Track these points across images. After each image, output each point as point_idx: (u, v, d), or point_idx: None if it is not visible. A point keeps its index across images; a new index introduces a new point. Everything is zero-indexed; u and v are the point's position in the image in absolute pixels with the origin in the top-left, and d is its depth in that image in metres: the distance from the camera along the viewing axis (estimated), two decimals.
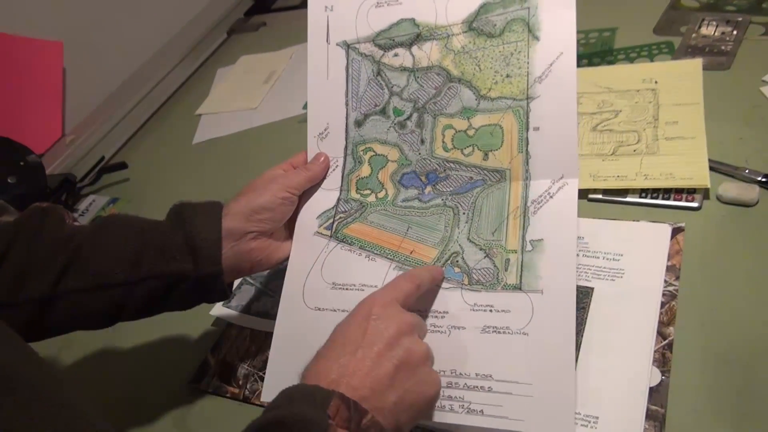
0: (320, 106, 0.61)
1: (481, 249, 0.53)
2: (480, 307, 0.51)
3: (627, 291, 0.58)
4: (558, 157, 0.52)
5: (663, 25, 0.91)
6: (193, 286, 0.52)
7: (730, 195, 0.62)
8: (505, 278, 0.51)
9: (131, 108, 1.14)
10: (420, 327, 0.48)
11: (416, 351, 0.44)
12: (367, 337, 0.43)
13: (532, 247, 0.51)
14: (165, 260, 0.52)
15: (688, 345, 0.52)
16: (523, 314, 0.49)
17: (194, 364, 0.65)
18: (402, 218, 0.57)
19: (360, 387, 0.41)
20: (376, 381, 0.41)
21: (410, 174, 0.58)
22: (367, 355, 0.42)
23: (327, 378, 0.41)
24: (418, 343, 0.45)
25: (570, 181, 0.52)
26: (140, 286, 0.51)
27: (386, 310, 0.45)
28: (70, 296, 0.50)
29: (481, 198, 0.55)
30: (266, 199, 0.55)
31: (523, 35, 0.54)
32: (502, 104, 0.55)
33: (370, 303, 0.46)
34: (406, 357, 0.43)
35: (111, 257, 0.51)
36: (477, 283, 0.52)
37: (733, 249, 0.59)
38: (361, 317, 0.45)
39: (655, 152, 0.69)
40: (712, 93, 0.74)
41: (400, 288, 0.48)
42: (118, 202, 0.98)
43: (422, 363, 0.44)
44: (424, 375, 0.44)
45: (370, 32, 0.60)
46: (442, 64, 0.57)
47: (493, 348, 0.49)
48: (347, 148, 0.60)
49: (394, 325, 0.44)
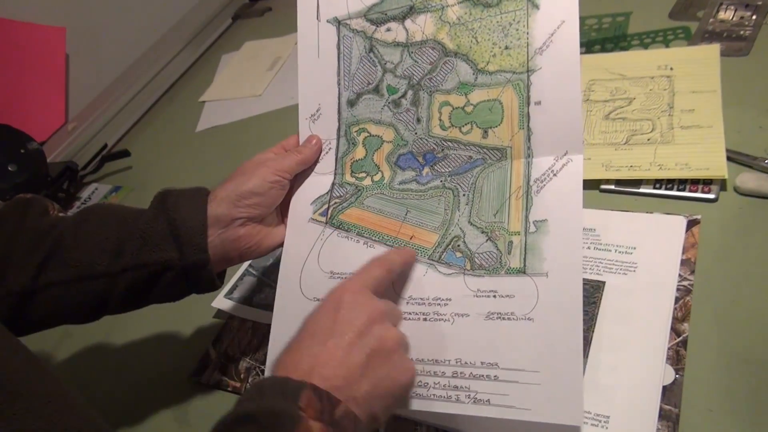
0: (311, 86, 0.58)
1: (483, 232, 0.51)
2: (483, 292, 0.49)
3: (640, 285, 0.56)
4: (561, 132, 0.50)
5: (679, 9, 0.88)
6: (178, 276, 0.51)
7: (748, 186, 0.60)
8: (508, 262, 0.49)
9: (134, 95, 1.13)
10: (392, 314, 0.46)
11: (388, 338, 0.43)
12: (338, 326, 0.42)
13: (536, 229, 0.49)
14: (148, 249, 0.50)
15: (703, 342, 0.51)
16: (528, 299, 0.47)
17: (195, 358, 0.64)
18: (400, 202, 0.54)
19: (332, 377, 0.40)
20: (348, 370, 0.40)
21: (407, 155, 0.55)
22: (339, 345, 0.41)
23: (298, 369, 0.40)
24: (389, 330, 0.43)
25: (574, 158, 0.49)
26: (123, 277, 0.50)
27: (357, 297, 0.44)
28: (51, 289, 0.49)
29: (482, 178, 0.52)
30: (255, 183, 0.52)
31: (521, 4, 0.52)
32: (501, 78, 0.52)
33: (340, 291, 0.44)
34: (378, 345, 0.42)
35: (92, 247, 0.50)
36: (480, 267, 0.50)
37: (751, 243, 0.57)
38: (331, 306, 0.44)
39: (670, 141, 0.67)
40: (730, 80, 0.71)
41: (371, 274, 0.47)
42: (121, 190, 0.97)
43: (394, 350, 0.43)
44: (397, 362, 0.43)
45: (361, 7, 0.57)
46: (436, 37, 0.55)
47: (498, 335, 0.47)
48: (340, 130, 0.58)
49: (364, 314, 0.43)
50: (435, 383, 0.47)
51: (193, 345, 0.66)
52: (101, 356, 0.69)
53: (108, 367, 0.68)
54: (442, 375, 0.47)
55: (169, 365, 0.65)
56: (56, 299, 0.50)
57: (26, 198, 0.54)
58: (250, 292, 0.69)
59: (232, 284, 0.71)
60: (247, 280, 0.71)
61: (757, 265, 0.55)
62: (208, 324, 0.68)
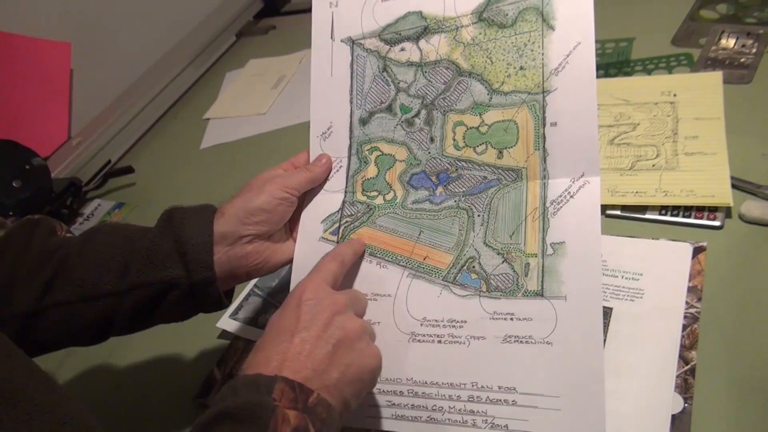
0: (323, 104, 0.59)
1: (499, 253, 0.51)
2: (500, 315, 0.49)
3: (647, 312, 0.56)
4: (578, 154, 0.49)
5: (681, 36, 0.89)
6: (185, 294, 0.50)
7: (753, 215, 0.60)
8: (525, 284, 0.49)
9: (138, 111, 1.13)
10: (354, 303, 0.48)
11: (351, 328, 0.45)
12: (301, 322, 0.44)
13: (553, 251, 0.49)
14: (153, 267, 0.50)
15: (712, 370, 0.51)
16: (546, 322, 0.47)
17: (200, 379, 0.64)
18: (413, 222, 0.54)
19: (301, 369, 0.41)
20: (316, 362, 0.42)
21: (420, 174, 0.55)
22: (305, 339, 0.43)
23: (268, 366, 0.41)
24: (352, 320, 0.45)
25: (591, 180, 0.49)
26: (128, 296, 0.49)
27: (317, 293, 0.46)
28: (56, 309, 0.49)
29: (497, 199, 0.52)
30: (263, 199, 0.52)
31: (536, 25, 0.52)
32: (516, 98, 0.52)
33: (300, 290, 0.46)
34: (342, 335, 0.44)
35: (98, 267, 0.50)
36: (496, 290, 0.50)
37: (756, 270, 0.57)
38: (293, 305, 0.45)
39: (675, 168, 0.67)
40: (733, 107, 0.72)
41: (327, 269, 0.49)
42: (124, 206, 0.97)
43: (358, 338, 0.45)
44: (362, 349, 0.45)
45: (375, 27, 0.58)
46: (450, 57, 0.55)
47: (515, 359, 0.47)
48: (351, 148, 0.58)
49: (326, 307, 0.45)
50: (450, 407, 0.47)
51: (198, 366, 0.66)
52: (105, 376, 0.69)
53: (112, 387, 0.68)
54: (458, 399, 0.47)
55: (174, 386, 0.65)
56: (62, 319, 0.49)
57: (34, 219, 0.54)
58: (256, 313, 0.69)
59: (237, 305, 0.70)
60: (252, 300, 0.71)
61: (762, 293, 0.55)
62: (212, 345, 0.68)
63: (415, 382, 0.49)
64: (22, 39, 1.09)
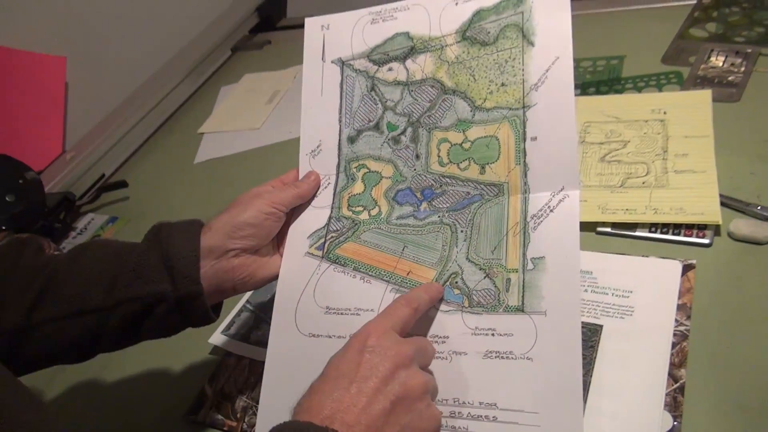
0: (313, 123, 0.60)
1: (481, 269, 0.51)
2: (482, 331, 0.49)
3: (637, 330, 0.56)
4: (557, 167, 0.50)
5: (671, 54, 0.90)
6: (172, 308, 0.50)
7: (741, 233, 0.61)
8: (506, 299, 0.49)
9: (133, 125, 1.13)
10: (421, 355, 0.45)
11: (413, 386, 0.42)
12: (361, 371, 0.42)
13: (534, 266, 0.49)
14: (141, 282, 0.50)
15: (701, 389, 0.51)
16: (526, 338, 0.47)
17: (191, 395, 0.64)
18: (397, 237, 0.55)
19: (355, 424, 0.39)
20: (371, 417, 0.40)
21: (405, 190, 0.56)
22: (362, 390, 0.41)
23: (320, 414, 0.40)
24: (416, 376, 0.43)
25: (571, 193, 0.50)
26: (116, 311, 0.49)
27: (382, 341, 0.43)
28: (44, 325, 0.49)
29: (479, 214, 0.53)
30: (250, 214, 0.53)
31: (517, 41, 0.53)
32: (498, 114, 0.53)
33: (365, 334, 0.44)
34: (403, 392, 0.41)
35: (85, 282, 0.50)
36: (478, 305, 0.50)
37: (745, 288, 0.57)
38: (355, 349, 0.43)
39: (665, 185, 0.68)
40: (722, 125, 0.73)
41: (397, 314, 0.46)
42: (118, 221, 0.97)
43: (420, 398, 0.42)
44: (422, 410, 0.42)
45: (365, 48, 0.59)
46: (436, 76, 0.56)
47: (496, 374, 0.47)
48: (339, 166, 0.59)
49: (390, 358, 0.42)
50: None
51: (189, 382, 0.66)
52: (95, 393, 0.68)
53: (102, 403, 0.67)
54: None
55: (164, 402, 0.65)
56: (50, 336, 0.49)
57: (22, 238, 0.54)
58: (247, 329, 0.69)
59: (229, 320, 0.70)
60: (244, 316, 0.71)
61: (751, 311, 0.55)
62: (204, 361, 0.68)
63: None
64: (18, 53, 1.09)
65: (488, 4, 0.55)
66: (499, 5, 0.55)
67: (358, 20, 0.60)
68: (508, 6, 0.54)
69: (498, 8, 0.54)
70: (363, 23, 0.59)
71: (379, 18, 0.59)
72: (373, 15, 0.59)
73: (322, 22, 0.61)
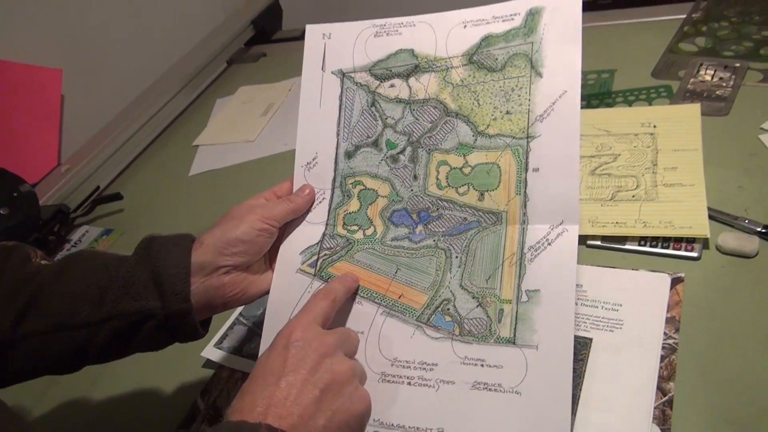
0: (310, 134, 0.59)
1: (474, 297, 0.51)
2: (471, 360, 0.48)
3: (626, 343, 0.57)
4: (558, 201, 0.50)
5: (661, 68, 0.91)
6: (161, 325, 0.50)
7: (729, 246, 0.61)
8: (498, 330, 0.49)
9: (128, 137, 1.14)
10: (345, 343, 0.47)
11: (340, 371, 0.44)
12: (288, 365, 0.43)
13: (528, 298, 0.49)
14: (129, 298, 0.49)
15: (689, 402, 0.51)
16: (516, 371, 0.47)
17: (183, 408, 0.64)
18: (391, 259, 0.54)
19: (287, 415, 0.40)
20: (302, 407, 0.41)
21: (401, 211, 0.55)
22: (292, 383, 0.42)
23: (252, 412, 0.41)
24: (341, 362, 0.44)
25: (570, 228, 0.49)
26: (104, 326, 0.49)
27: (305, 334, 0.45)
28: (30, 339, 0.48)
29: (476, 241, 0.52)
30: (242, 230, 0.52)
31: (525, 71, 0.53)
32: (501, 142, 0.53)
33: (288, 330, 0.45)
34: (331, 378, 0.43)
35: (73, 296, 0.49)
36: (469, 334, 0.49)
37: (733, 302, 0.58)
38: (281, 346, 0.44)
39: (654, 199, 0.69)
40: (711, 139, 0.74)
41: (318, 307, 0.48)
42: (112, 233, 0.97)
43: (347, 382, 0.44)
44: (351, 393, 0.44)
45: (367, 61, 0.58)
46: (439, 97, 0.56)
47: (483, 406, 0.47)
48: (335, 180, 0.58)
49: (315, 350, 0.44)
50: None
51: (181, 395, 0.66)
52: (87, 406, 0.68)
53: (93, 417, 0.67)
54: None
55: (156, 416, 0.65)
56: (36, 350, 0.49)
57: (8, 246, 0.53)
58: (240, 342, 0.69)
59: (222, 333, 0.70)
60: (237, 329, 0.71)
61: (739, 325, 0.56)
62: (196, 374, 0.68)
63: (381, 424, 0.49)
64: (14, 65, 1.09)
65: (498, 31, 0.54)
66: (508, 33, 0.54)
67: (361, 32, 0.59)
68: (518, 35, 0.53)
69: (508, 36, 0.54)
70: (366, 35, 0.58)
71: (383, 32, 0.58)
72: (377, 28, 0.58)
73: (324, 31, 0.60)
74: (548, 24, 0.53)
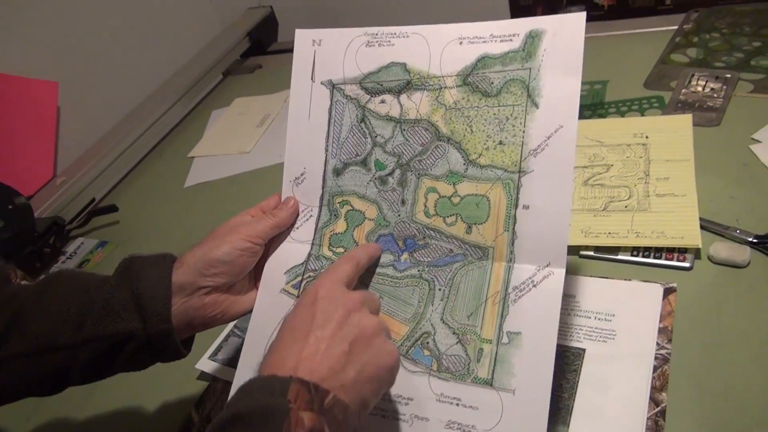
0: (299, 148, 0.57)
1: (455, 333, 0.49)
2: (447, 398, 0.48)
3: (619, 353, 0.57)
4: (546, 241, 0.48)
5: (653, 79, 0.92)
6: (142, 346, 0.49)
7: (721, 256, 0.62)
8: (476, 370, 0.48)
9: (124, 149, 1.14)
10: (369, 301, 0.47)
11: (368, 325, 0.44)
12: (316, 320, 0.43)
13: (509, 340, 0.47)
14: (110, 320, 0.49)
15: (682, 412, 0.51)
16: (491, 414, 0.46)
17: (177, 421, 0.63)
18: (373, 286, 0.53)
19: (317, 369, 0.41)
20: (332, 360, 0.41)
21: (387, 237, 0.54)
22: (320, 338, 0.42)
23: (283, 367, 0.41)
24: (368, 317, 0.45)
25: (556, 271, 0.48)
26: (84, 349, 0.48)
27: (331, 291, 0.45)
28: (11, 362, 0.48)
29: (460, 275, 0.51)
30: (224, 251, 0.51)
31: (521, 99, 0.50)
32: (492, 174, 0.51)
33: (314, 289, 0.46)
34: (359, 332, 0.43)
35: (53, 319, 0.49)
36: (446, 371, 0.48)
37: (725, 312, 0.58)
38: (307, 303, 0.45)
39: (647, 209, 0.69)
40: (703, 149, 0.74)
41: (342, 269, 0.48)
42: (107, 245, 0.97)
43: (376, 335, 0.44)
44: (379, 346, 0.44)
45: (357, 73, 0.56)
46: (431, 118, 0.53)
47: None
48: (323, 198, 0.56)
49: (342, 305, 0.44)
50: None
51: (176, 408, 0.66)
52: (80, 419, 0.68)
53: (87, 428, 0.67)
54: None
55: (150, 429, 0.64)
56: (17, 372, 0.49)
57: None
58: (235, 354, 0.69)
59: (217, 345, 0.70)
60: (232, 341, 0.71)
61: (731, 335, 0.56)
62: (191, 386, 0.68)
63: None
64: (10, 78, 1.10)
65: (495, 52, 0.52)
66: (506, 56, 0.51)
67: (352, 40, 0.56)
68: (516, 58, 0.51)
69: (505, 59, 0.51)
70: (357, 44, 0.56)
71: (375, 41, 0.56)
72: (369, 36, 0.56)
73: (314, 37, 0.58)
74: (548, 50, 0.50)
